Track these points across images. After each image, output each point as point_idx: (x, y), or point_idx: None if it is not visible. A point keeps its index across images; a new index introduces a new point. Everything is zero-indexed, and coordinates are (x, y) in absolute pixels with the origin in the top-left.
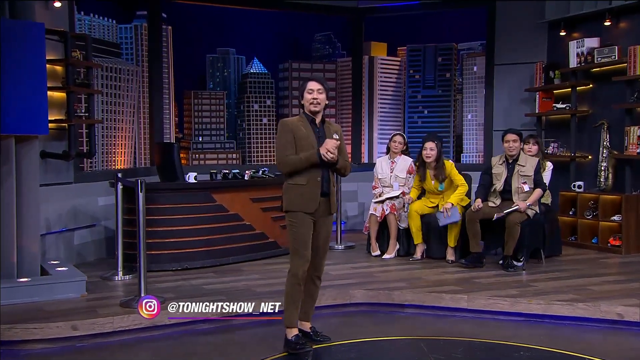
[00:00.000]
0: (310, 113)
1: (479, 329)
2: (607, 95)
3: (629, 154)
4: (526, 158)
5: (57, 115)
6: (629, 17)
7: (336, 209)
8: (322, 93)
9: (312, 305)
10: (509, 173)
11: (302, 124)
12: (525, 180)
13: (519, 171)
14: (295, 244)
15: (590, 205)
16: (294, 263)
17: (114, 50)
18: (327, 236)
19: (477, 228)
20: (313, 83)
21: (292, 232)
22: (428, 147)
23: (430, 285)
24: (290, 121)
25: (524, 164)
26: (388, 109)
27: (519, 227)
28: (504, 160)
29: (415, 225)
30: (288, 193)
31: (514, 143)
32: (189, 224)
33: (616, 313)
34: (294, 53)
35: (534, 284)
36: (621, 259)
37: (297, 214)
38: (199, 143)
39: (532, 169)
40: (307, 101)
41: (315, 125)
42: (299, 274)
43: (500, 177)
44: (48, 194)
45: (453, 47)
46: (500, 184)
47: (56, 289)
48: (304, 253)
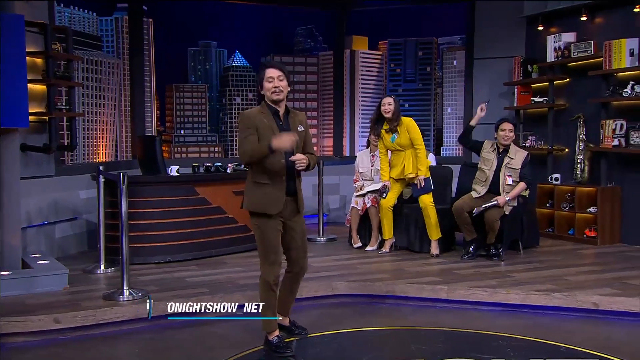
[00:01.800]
0: (273, 103)
1: (459, 319)
2: (583, 90)
3: (604, 147)
4: (516, 150)
5: (37, 108)
6: (604, 12)
7: (304, 206)
8: (282, 80)
9: (291, 300)
10: (498, 163)
11: (264, 115)
12: (511, 173)
13: (507, 163)
14: (264, 249)
15: (566, 197)
16: (265, 270)
17: (94, 43)
18: (303, 235)
19: (466, 217)
20: (272, 70)
21: (261, 238)
22: (386, 102)
23: (411, 277)
24: (251, 113)
25: (513, 157)
26: (369, 102)
27: (498, 223)
28: (496, 148)
29: (388, 221)
30: (251, 192)
31: (510, 133)
32: (171, 217)
33: (592, 302)
34: (276, 47)
35: (512, 275)
36: (596, 250)
37: (261, 217)
38: (181, 136)
39: (520, 162)
40: (268, 90)
41: (279, 117)
42: (271, 281)
43: (489, 164)
44: (29, 187)
45: (433, 42)
46: (491, 173)
47: (38, 282)
48: (274, 259)
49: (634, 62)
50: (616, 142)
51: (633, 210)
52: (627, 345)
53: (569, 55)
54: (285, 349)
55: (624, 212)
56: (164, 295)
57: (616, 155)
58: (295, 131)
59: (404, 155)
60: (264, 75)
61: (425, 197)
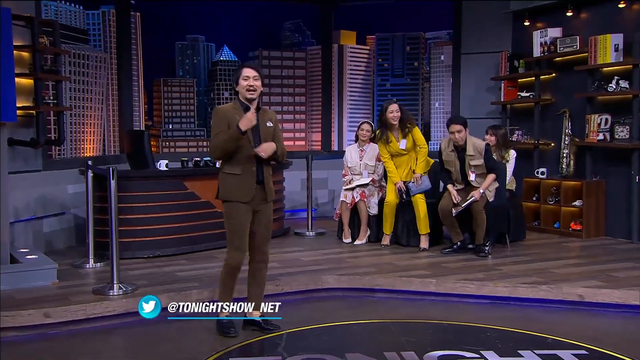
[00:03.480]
0: (246, 100)
1: (447, 312)
2: (569, 84)
3: (589, 142)
4: (473, 144)
5: (24, 102)
6: (589, 8)
7: (273, 195)
8: (257, 80)
9: (260, 293)
10: (460, 163)
11: (236, 112)
12: (474, 169)
13: (469, 162)
14: (231, 235)
15: (552, 191)
16: (230, 254)
17: (81, 37)
18: (268, 223)
19: (453, 220)
20: (249, 70)
21: (229, 223)
22: (393, 109)
23: (400, 270)
24: (224, 109)
25: (472, 153)
26: (357, 97)
27: (484, 213)
28: (453, 149)
29: (392, 217)
30: (224, 182)
31: (459, 134)
32: (160, 212)
33: (577, 294)
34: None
35: (499, 268)
36: (582, 243)
37: (233, 204)
38: (169, 131)
39: (480, 156)
40: (242, 88)
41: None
42: (234, 265)
43: (452, 165)
44: (16, 182)
45: (421, 36)
46: (457, 173)
47: (27, 276)
48: (240, 244)
49: (618, 57)
50: (601, 137)
51: (617, 203)
52: (612, 337)
53: (555, 50)
54: (230, 330)
55: (609, 206)
56: (154, 290)
57: (601, 150)
58: (263, 125)
59: (407, 157)
60: (241, 73)
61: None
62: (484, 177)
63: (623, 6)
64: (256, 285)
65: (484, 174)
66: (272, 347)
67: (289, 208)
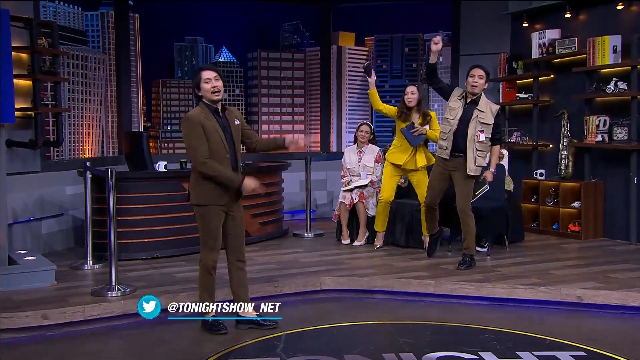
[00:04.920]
0: (212, 102)
1: (446, 313)
2: (567, 86)
3: (588, 143)
4: (487, 103)
5: (23, 103)
6: (588, 9)
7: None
8: (219, 80)
9: (245, 292)
10: (464, 114)
11: (205, 116)
12: (484, 128)
13: (478, 117)
14: (206, 237)
15: (551, 192)
16: (204, 255)
17: (80, 38)
18: (241, 222)
19: (435, 214)
20: (208, 72)
21: (204, 226)
22: (409, 91)
23: (398, 272)
24: (195, 115)
25: (484, 110)
26: (356, 99)
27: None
28: (464, 97)
29: (385, 215)
30: (199, 187)
31: (480, 79)
32: (159, 213)
33: (576, 296)
34: (262, 42)
35: (498, 269)
36: (580, 244)
37: (209, 208)
38: (168, 132)
39: (492, 116)
40: (207, 91)
41: (218, 115)
42: (209, 265)
43: (454, 114)
44: (14, 183)
45: (419, 38)
46: (455, 123)
47: (25, 278)
48: (214, 245)
49: (617, 58)
50: (600, 138)
51: (615, 205)
52: (610, 338)
53: (553, 51)
54: (220, 327)
55: (607, 207)
56: (153, 291)
57: (599, 151)
58: (232, 125)
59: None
60: (201, 77)
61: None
62: (485, 145)
63: (621, 8)
64: (240, 285)
65: (487, 141)
66: (271, 348)
67: (287, 209)
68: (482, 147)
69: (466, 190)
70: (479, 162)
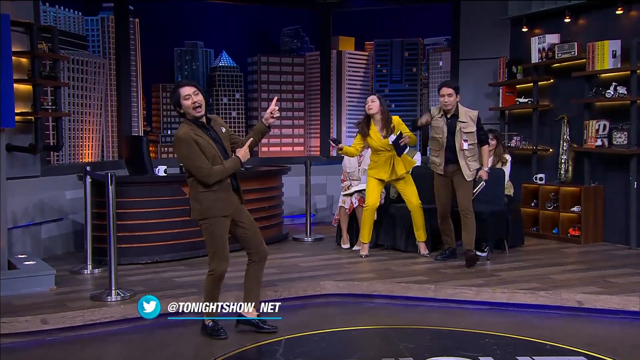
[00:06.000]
0: (196, 118)
1: (446, 318)
2: (567, 90)
3: (587, 147)
4: (465, 112)
5: (23, 108)
6: (587, 14)
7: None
8: (198, 94)
9: (258, 289)
10: (449, 129)
11: (194, 132)
12: (467, 137)
13: (462, 128)
14: (215, 247)
15: (551, 196)
16: (215, 266)
17: (80, 43)
18: (252, 222)
19: (450, 225)
20: (186, 88)
21: (212, 238)
22: (369, 100)
23: (398, 276)
24: (186, 133)
25: (465, 120)
26: (356, 103)
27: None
28: (443, 114)
29: (370, 223)
30: (203, 201)
31: (449, 98)
32: (158, 217)
33: (576, 300)
34: (262, 47)
35: (498, 274)
36: (580, 249)
37: (215, 219)
38: (168, 136)
39: (473, 123)
40: (188, 108)
41: (206, 128)
42: (220, 274)
43: (440, 131)
44: (14, 188)
45: (419, 42)
46: (443, 140)
47: (24, 283)
48: (224, 254)
49: (616, 63)
50: (599, 143)
51: (615, 209)
52: (610, 342)
53: (553, 56)
54: (219, 332)
55: (607, 212)
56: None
57: (599, 156)
58: (220, 134)
59: (389, 155)
60: (180, 94)
61: (414, 199)
62: (474, 149)
63: (620, 12)
64: (255, 281)
65: (474, 146)
66: (271, 353)
67: (287, 214)
68: (471, 153)
69: (467, 190)
70: (472, 167)
